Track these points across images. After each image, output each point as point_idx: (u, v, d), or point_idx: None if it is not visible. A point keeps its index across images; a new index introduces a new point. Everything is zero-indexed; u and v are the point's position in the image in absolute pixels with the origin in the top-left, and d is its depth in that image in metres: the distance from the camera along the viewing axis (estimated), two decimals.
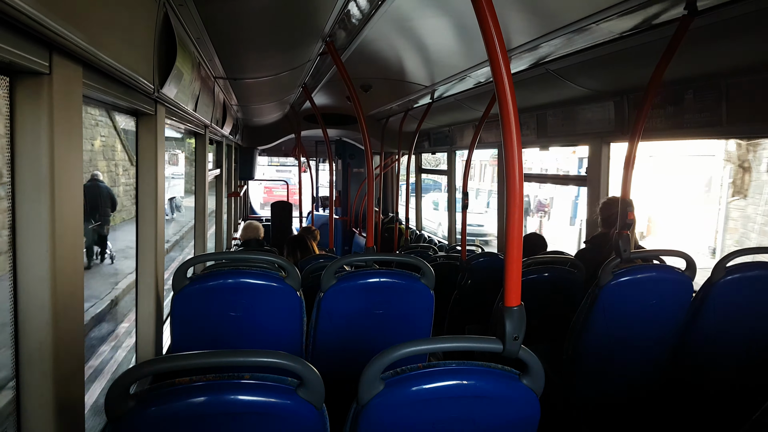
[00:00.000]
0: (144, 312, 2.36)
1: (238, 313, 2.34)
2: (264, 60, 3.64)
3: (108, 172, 11.93)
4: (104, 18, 1.42)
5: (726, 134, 2.91)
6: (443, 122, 6.69)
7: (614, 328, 2.50)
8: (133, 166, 2.84)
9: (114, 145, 12.45)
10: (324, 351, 2.47)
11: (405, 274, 2.47)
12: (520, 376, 1.44)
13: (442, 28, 3.05)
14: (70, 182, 1.31)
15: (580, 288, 3.14)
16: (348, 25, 2.92)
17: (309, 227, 5.44)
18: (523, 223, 1.56)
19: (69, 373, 1.33)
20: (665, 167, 12.85)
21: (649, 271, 2.52)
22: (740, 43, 2.42)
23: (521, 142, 1.49)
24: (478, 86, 4.37)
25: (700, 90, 2.90)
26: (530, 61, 3.32)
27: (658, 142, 4.22)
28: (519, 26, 2.68)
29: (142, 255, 2.33)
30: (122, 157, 12.84)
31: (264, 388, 1.26)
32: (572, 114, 4.06)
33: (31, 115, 1.20)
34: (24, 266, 1.21)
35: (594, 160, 4.00)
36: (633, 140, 2.58)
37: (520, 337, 1.48)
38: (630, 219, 2.59)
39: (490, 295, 3.34)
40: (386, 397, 1.36)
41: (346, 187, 10.30)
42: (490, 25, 1.42)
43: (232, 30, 2.69)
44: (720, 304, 2.54)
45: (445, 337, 1.59)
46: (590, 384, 2.57)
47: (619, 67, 3.13)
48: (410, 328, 2.47)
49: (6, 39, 1.03)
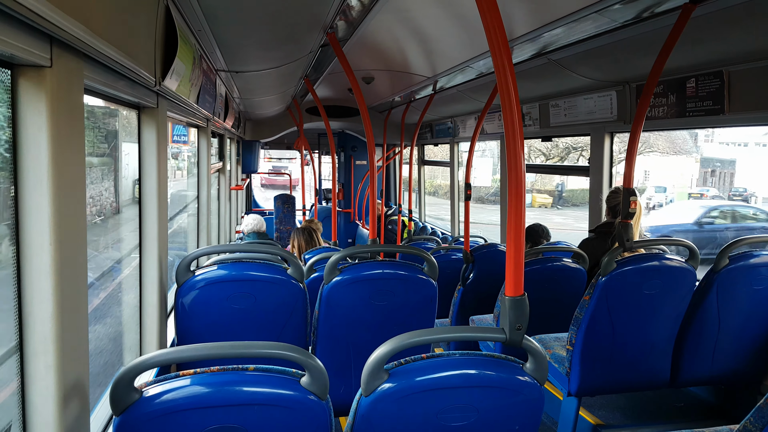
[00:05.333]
0: (148, 304, 2.37)
1: (241, 306, 2.35)
2: (265, 52, 3.63)
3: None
4: (105, 10, 1.41)
5: (728, 122, 2.89)
6: (445, 113, 6.67)
7: (617, 317, 2.50)
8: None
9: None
10: (328, 342, 2.48)
11: (408, 265, 2.47)
12: (524, 365, 1.45)
13: (443, 18, 3.03)
14: (72, 174, 1.31)
15: (584, 278, 3.15)
16: (349, 16, 2.91)
17: (313, 219, 5.46)
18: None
19: (73, 365, 1.34)
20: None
21: (653, 260, 2.51)
22: (742, 30, 2.40)
23: (523, 132, 1.48)
24: (480, 77, 4.35)
25: (702, 78, 2.88)
26: (532, 51, 3.30)
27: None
28: (520, 16, 2.66)
29: (145, 247, 2.34)
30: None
31: (268, 379, 1.27)
32: (574, 104, 4.05)
33: (32, 108, 1.20)
34: (27, 258, 1.22)
35: (596, 150, 3.98)
36: (635, 130, 2.57)
37: (524, 326, 1.49)
38: (633, 208, 2.58)
39: (494, 285, 3.35)
40: (390, 387, 1.36)
41: (349, 179, 10.30)
42: (492, 15, 1.42)
43: (233, 22, 2.69)
44: (723, 292, 2.54)
45: (448, 327, 1.60)
46: (594, 373, 2.58)
47: (620, 56, 3.11)
48: (413, 320, 2.48)
49: (7, 32, 1.03)
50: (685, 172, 20.62)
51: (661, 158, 20.96)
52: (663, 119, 3.19)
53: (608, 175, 4.00)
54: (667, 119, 3.16)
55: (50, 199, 1.21)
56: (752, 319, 2.62)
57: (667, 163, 20.95)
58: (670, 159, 21.00)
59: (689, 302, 2.59)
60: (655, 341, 2.60)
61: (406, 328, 1.89)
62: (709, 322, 2.59)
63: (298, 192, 10.62)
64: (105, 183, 2.98)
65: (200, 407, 1.23)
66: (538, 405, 1.46)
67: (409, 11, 2.97)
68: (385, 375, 1.37)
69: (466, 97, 5.26)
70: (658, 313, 2.55)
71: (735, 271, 2.52)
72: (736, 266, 2.51)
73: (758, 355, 2.68)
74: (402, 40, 3.67)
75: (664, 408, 3.12)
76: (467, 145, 6.46)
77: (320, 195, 11.54)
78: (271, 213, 10.16)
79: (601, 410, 3.08)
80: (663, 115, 3.18)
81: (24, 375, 1.24)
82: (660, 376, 2.66)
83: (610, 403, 3.16)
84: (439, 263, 2.53)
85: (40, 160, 1.20)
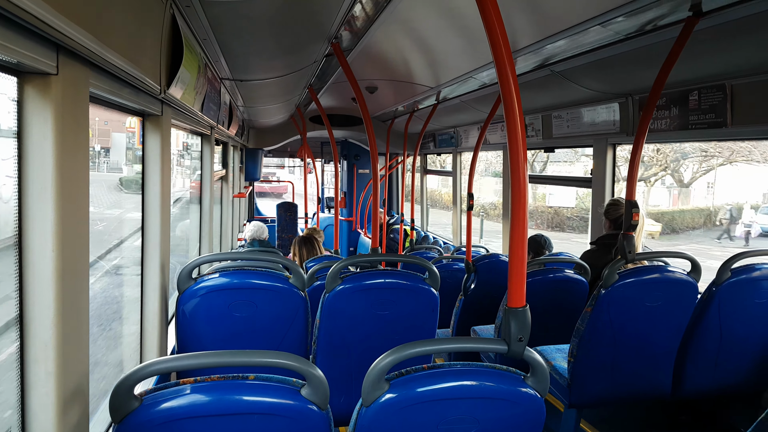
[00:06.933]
0: (149, 312, 2.36)
1: (242, 314, 2.35)
2: (270, 61, 3.65)
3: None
4: (112, 19, 1.42)
5: (731, 135, 2.90)
6: (448, 123, 6.69)
7: (619, 329, 2.49)
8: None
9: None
10: (329, 352, 2.47)
11: (410, 275, 2.47)
12: (525, 377, 1.44)
13: (446, 29, 3.05)
14: (76, 182, 1.32)
15: (585, 289, 3.14)
16: (354, 26, 2.93)
17: (315, 227, 5.46)
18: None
19: (73, 372, 1.34)
20: None
21: (654, 272, 2.51)
22: (745, 44, 2.41)
23: (526, 143, 1.49)
24: (482, 87, 4.37)
25: (705, 91, 2.89)
26: (535, 62, 3.32)
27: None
28: (524, 28, 2.68)
29: (147, 255, 2.34)
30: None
31: (268, 388, 1.26)
32: (577, 115, 4.06)
33: (38, 115, 1.20)
34: (29, 265, 1.22)
35: (599, 161, 3.99)
36: (638, 141, 2.57)
37: (525, 338, 1.48)
38: (635, 220, 2.58)
39: (496, 296, 3.34)
40: (391, 398, 1.36)
41: (352, 188, 10.32)
42: (496, 27, 1.43)
43: (239, 31, 2.71)
44: (725, 306, 2.53)
45: (450, 338, 1.60)
46: (595, 385, 2.57)
47: (624, 68, 3.12)
48: (415, 330, 2.47)
49: (14, 40, 1.04)
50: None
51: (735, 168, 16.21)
52: (665, 131, 3.19)
53: (611, 186, 4.00)
54: (669, 132, 3.17)
55: (54, 206, 1.22)
56: (754, 332, 2.61)
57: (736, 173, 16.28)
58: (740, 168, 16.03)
59: (691, 315, 2.58)
60: (656, 353, 2.59)
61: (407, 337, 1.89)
62: (711, 335, 2.58)
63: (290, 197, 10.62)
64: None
65: (200, 416, 1.22)
66: (539, 417, 1.45)
67: (413, 22, 2.99)
68: (386, 385, 1.37)
69: (469, 108, 5.28)
70: (660, 325, 2.54)
71: (737, 284, 2.51)
72: (738, 279, 2.50)
73: (760, 368, 2.66)
74: (406, 50, 3.69)
75: (664, 420, 3.09)
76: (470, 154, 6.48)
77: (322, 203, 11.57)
78: (273, 221, 10.17)
79: (602, 422, 3.06)
80: (666, 128, 3.19)
81: (24, 381, 1.24)
82: (661, 389, 2.64)
83: (611, 415, 3.14)
84: (440, 273, 2.53)
85: (44, 168, 1.21)
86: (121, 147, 5.05)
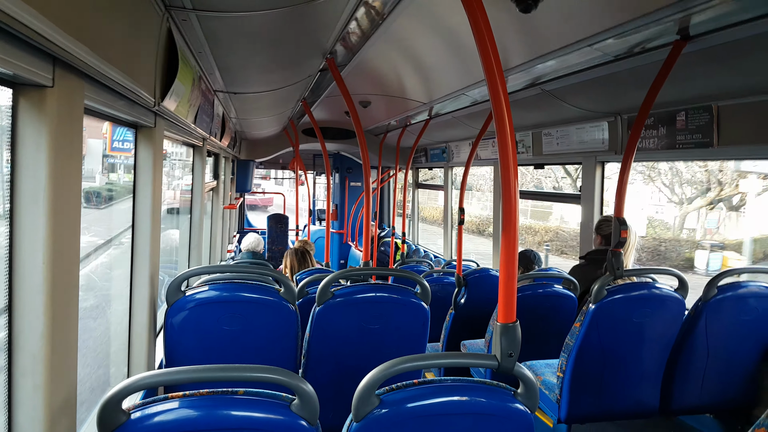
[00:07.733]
0: (137, 325, 2.34)
1: (232, 327, 2.34)
2: (265, 75, 3.67)
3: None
4: (108, 32, 1.43)
5: (717, 156, 2.95)
6: (440, 138, 6.74)
7: (607, 345, 2.51)
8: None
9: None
10: (319, 366, 2.46)
11: (400, 289, 2.47)
12: (515, 393, 1.45)
13: (440, 47, 3.09)
14: (69, 194, 1.32)
15: (574, 304, 3.16)
16: (349, 42, 2.96)
17: (306, 240, 5.46)
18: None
19: (61, 386, 1.33)
20: None
21: (642, 289, 2.53)
22: (730, 67, 2.47)
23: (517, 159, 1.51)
24: (474, 104, 4.42)
25: (692, 112, 2.94)
26: (526, 81, 3.36)
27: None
28: (515, 47, 2.72)
29: (137, 267, 2.32)
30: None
31: (258, 403, 1.26)
32: (566, 133, 4.11)
33: (32, 127, 1.21)
34: (20, 277, 1.21)
35: (588, 178, 4.04)
36: (626, 160, 2.62)
37: (515, 353, 1.49)
38: (623, 237, 2.61)
39: (486, 310, 3.34)
40: (381, 413, 1.36)
41: (343, 201, 10.32)
42: (488, 46, 1.46)
43: (235, 45, 2.73)
44: (712, 322, 2.56)
45: (440, 353, 1.60)
46: (584, 401, 2.57)
47: (613, 88, 3.18)
48: (405, 344, 2.47)
49: (10, 52, 1.04)
50: None
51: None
52: (653, 151, 3.25)
53: (599, 202, 4.05)
54: (657, 151, 3.22)
55: (46, 218, 1.22)
56: (741, 348, 2.64)
57: None
58: None
59: (678, 331, 2.60)
60: (644, 369, 2.60)
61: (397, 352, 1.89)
62: (698, 351, 2.60)
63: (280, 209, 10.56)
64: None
65: (188, 431, 1.21)
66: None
67: (408, 39, 3.03)
68: (377, 401, 1.36)
69: (461, 124, 5.33)
70: (648, 341, 2.56)
71: (724, 301, 2.54)
72: (724, 296, 2.54)
73: (747, 384, 2.68)
74: (399, 66, 3.73)
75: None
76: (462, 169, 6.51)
77: (313, 215, 11.55)
78: (263, 232, 10.13)
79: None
80: (653, 147, 3.24)
81: (11, 394, 1.23)
82: (649, 405, 2.65)
83: (600, 430, 3.15)
84: (431, 286, 2.53)
85: (37, 180, 1.21)
86: (97, 154, 4.92)
